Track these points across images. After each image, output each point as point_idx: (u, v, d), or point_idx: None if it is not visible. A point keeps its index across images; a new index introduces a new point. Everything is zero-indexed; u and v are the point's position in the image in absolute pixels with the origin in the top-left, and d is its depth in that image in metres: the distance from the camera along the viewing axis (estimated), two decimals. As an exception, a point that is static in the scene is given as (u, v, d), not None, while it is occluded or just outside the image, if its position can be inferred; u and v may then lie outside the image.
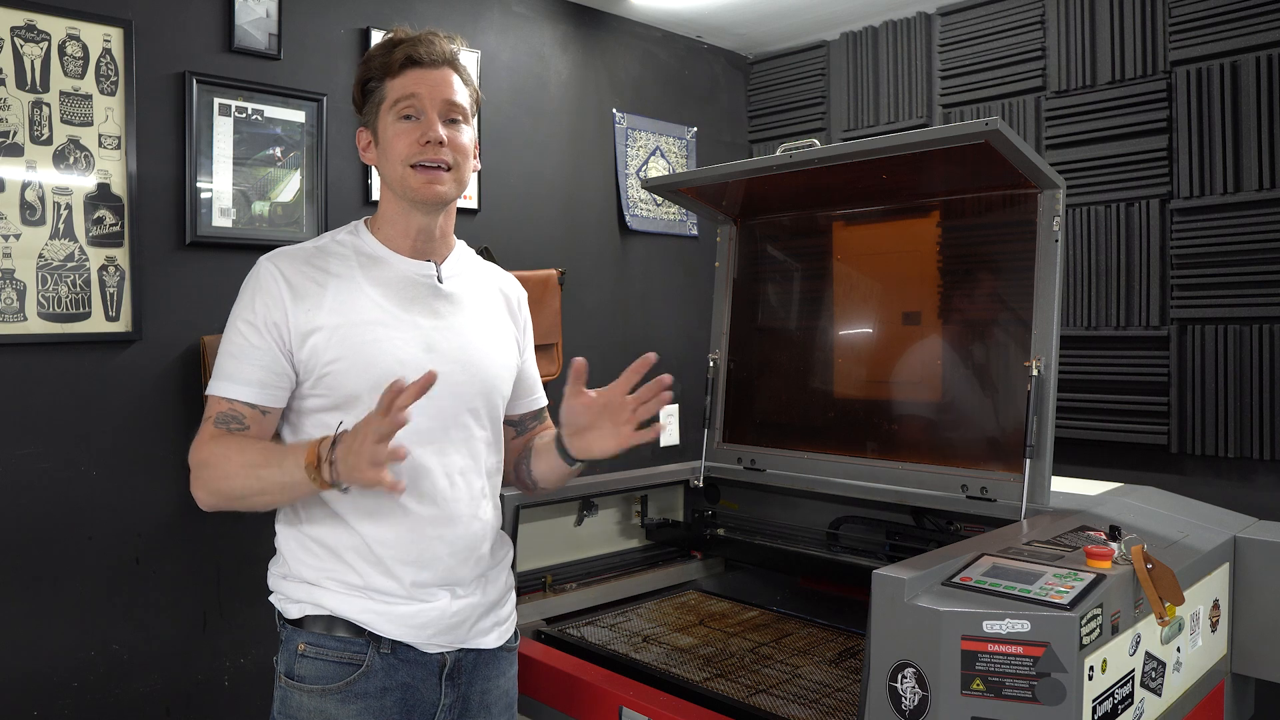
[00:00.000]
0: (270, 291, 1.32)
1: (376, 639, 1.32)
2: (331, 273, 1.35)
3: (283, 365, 1.31)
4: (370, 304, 1.34)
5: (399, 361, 1.32)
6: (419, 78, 1.36)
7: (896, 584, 1.19)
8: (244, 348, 1.31)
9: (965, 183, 1.81)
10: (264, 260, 1.35)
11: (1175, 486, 2.26)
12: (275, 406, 1.33)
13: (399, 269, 1.39)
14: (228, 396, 1.31)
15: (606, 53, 3.35)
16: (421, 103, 1.36)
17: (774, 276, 2.22)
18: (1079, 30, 2.86)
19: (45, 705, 2.09)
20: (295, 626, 1.35)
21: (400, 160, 1.35)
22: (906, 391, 1.94)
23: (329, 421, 1.32)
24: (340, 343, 1.31)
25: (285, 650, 1.36)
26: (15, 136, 2.05)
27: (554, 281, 3.02)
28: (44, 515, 2.10)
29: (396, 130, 1.36)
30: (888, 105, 3.38)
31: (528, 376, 1.59)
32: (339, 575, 1.32)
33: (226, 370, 1.32)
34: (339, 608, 1.32)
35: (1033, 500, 1.62)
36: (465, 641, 1.38)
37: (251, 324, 1.31)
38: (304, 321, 1.31)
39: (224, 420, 1.31)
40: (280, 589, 1.38)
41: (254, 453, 1.27)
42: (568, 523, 2.05)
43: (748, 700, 1.49)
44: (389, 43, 1.39)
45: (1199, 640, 1.52)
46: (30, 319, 2.07)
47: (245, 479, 1.26)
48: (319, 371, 1.31)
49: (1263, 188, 2.51)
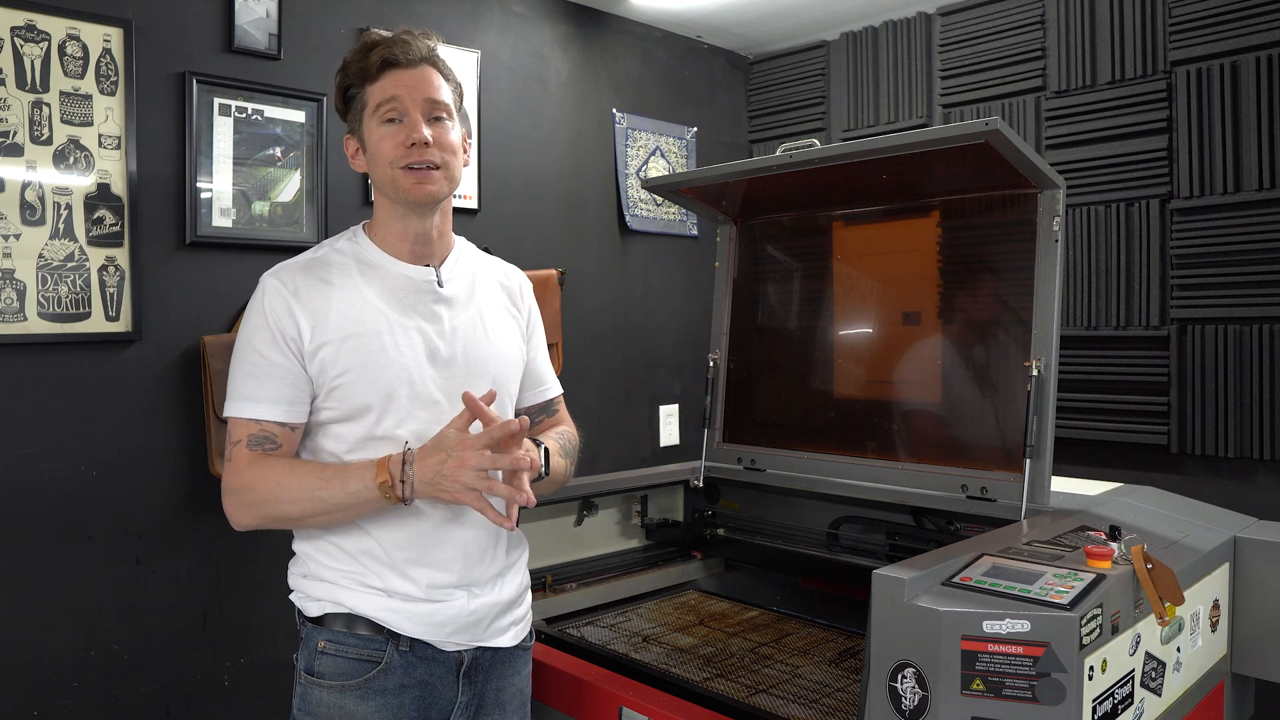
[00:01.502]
0: (280, 308, 1.32)
1: (395, 637, 1.33)
2: (334, 284, 1.35)
3: (304, 379, 1.32)
4: (373, 313, 1.35)
5: (404, 369, 1.33)
6: (398, 79, 1.35)
7: (896, 584, 1.19)
8: (263, 366, 1.31)
9: (965, 183, 1.81)
10: (268, 277, 1.35)
11: (1175, 486, 2.26)
12: (303, 422, 1.34)
13: (399, 275, 1.39)
14: (256, 418, 1.31)
15: (606, 53, 3.35)
16: (403, 104, 1.35)
17: (774, 276, 2.22)
18: (1079, 30, 2.86)
19: (45, 705, 2.09)
20: (315, 624, 1.36)
21: (388, 164, 1.35)
22: (906, 391, 1.94)
23: (343, 433, 1.33)
24: (348, 355, 1.32)
25: (305, 647, 1.36)
26: (15, 136, 2.05)
27: (554, 281, 3.02)
28: (44, 515, 2.10)
29: (381, 134, 1.36)
30: (888, 105, 3.38)
31: (535, 367, 1.58)
32: (358, 576, 1.34)
33: (248, 391, 1.32)
34: (358, 606, 1.33)
35: (1033, 500, 1.62)
36: (482, 640, 1.39)
37: (269, 342, 1.31)
38: (313, 336, 1.32)
39: (256, 442, 1.31)
40: (301, 588, 1.38)
41: (307, 475, 1.29)
42: (568, 523, 2.05)
43: (748, 700, 1.49)
44: (364, 47, 1.38)
45: (1199, 640, 1.52)
46: (30, 319, 2.07)
47: (304, 503, 1.28)
48: (329, 385, 1.32)
49: (1263, 188, 2.51)
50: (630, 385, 3.41)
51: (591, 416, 3.25)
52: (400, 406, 1.33)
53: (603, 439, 3.29)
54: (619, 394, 3.38)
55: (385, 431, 1.33)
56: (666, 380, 3.55)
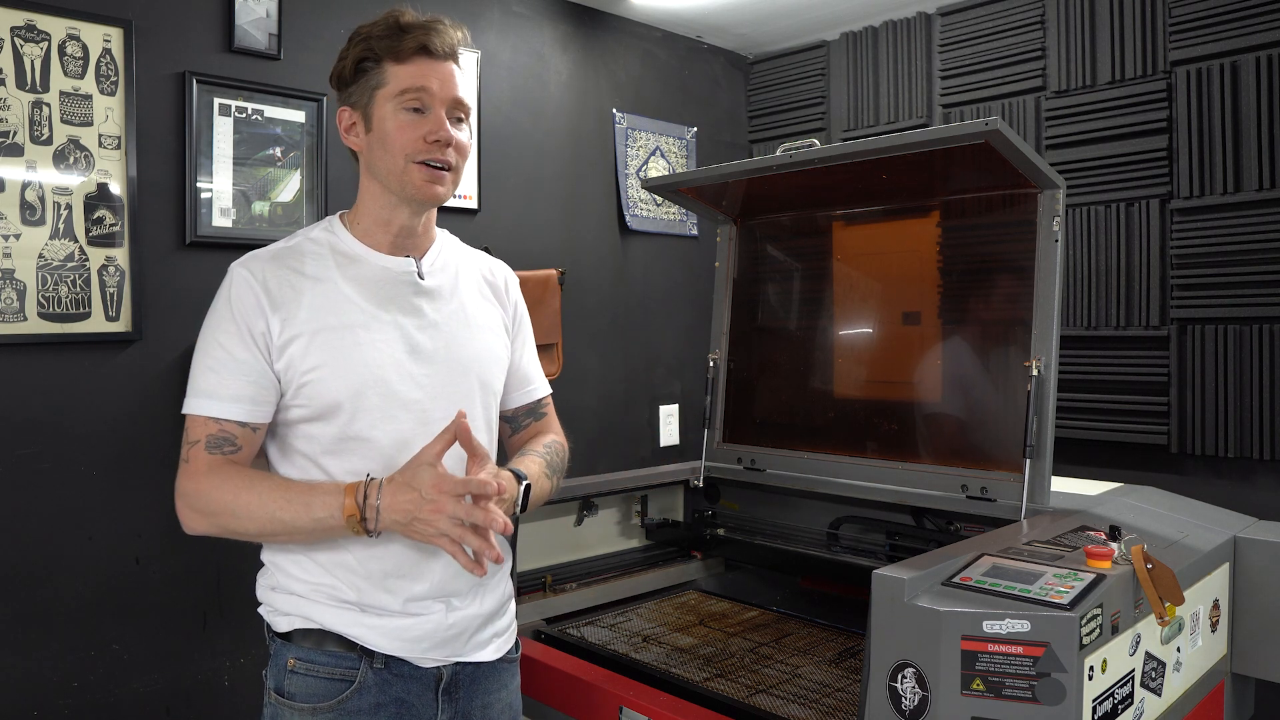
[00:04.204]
0: (247, 300, 1.25)
1: (369, 653, 1.26)
2: (307, 274, 1.28)
3: (270, 377, 1.25)
4: (348, 305, 1.28)
5: (379, 365, 1.27)
6: (430, 69, 1.28)
7: (896, 584, 1.19)
8: (226, 361, 1.24)
9: (965, 183, 1.81)
10: (237, 267, 1.28)
11: (1175, 486, 2.26)
12: (265, 423, 1.27)
13: (377, 266, 1.33)
14: (216, 416, 1.23)
15: (606, 53, 3.35)
16: (432, 97, 1.28)
17: (774, 276, 2.22)
18: (1079, 30, 2.85)
19: (45, 705, 2.09)
20: (284, 640, 1.29)
21: (404, 154, 1.28)
22: (906, 391, 1.94)
23: (315, 433, 1.26)
24: (319, 349, 1.25)
25: (274, 665, 1.29)
26: (15, 136, 2.05)
27: (554, 281, 3.02)
28: (44, 515, 2.10)
29: (401, 122, 1.28)
30: (888, 105, 3.38)
31: (521, 366, 1.51)
32: (330, 590, 1.27)
33: (208, 387, 1.24)
34: (330, 621, 1.26)
35: (1033, 500, 1.62)
36: (462, 654, 1.33)
37: (234, 334, 1.24)
38: (283, 330, 1.24)
39: (215, 445, 1.24)
40: (269, 601, 1.32)
41: (268, 492, 1.21)
42: (568, 523, 2.05)
43: (748, 700, 1.49)
44: (396, 24, 1.28)
45: (1199, 640, 1.52)
46: (30, 319, 2.07)
47: (261, 522, 1.21)
48: (298, 381, 1.25)
49: (1263, 188, 2.51)
50: (630, 385, 3.41)
51: (591, 416, 3.25)
52: (373, 405, 1.26)
53: (603, 439, 3.29)
54: (619, 394, 3.38)
55: (360, 432, 1.26)
56: (666, 380, 3.55)
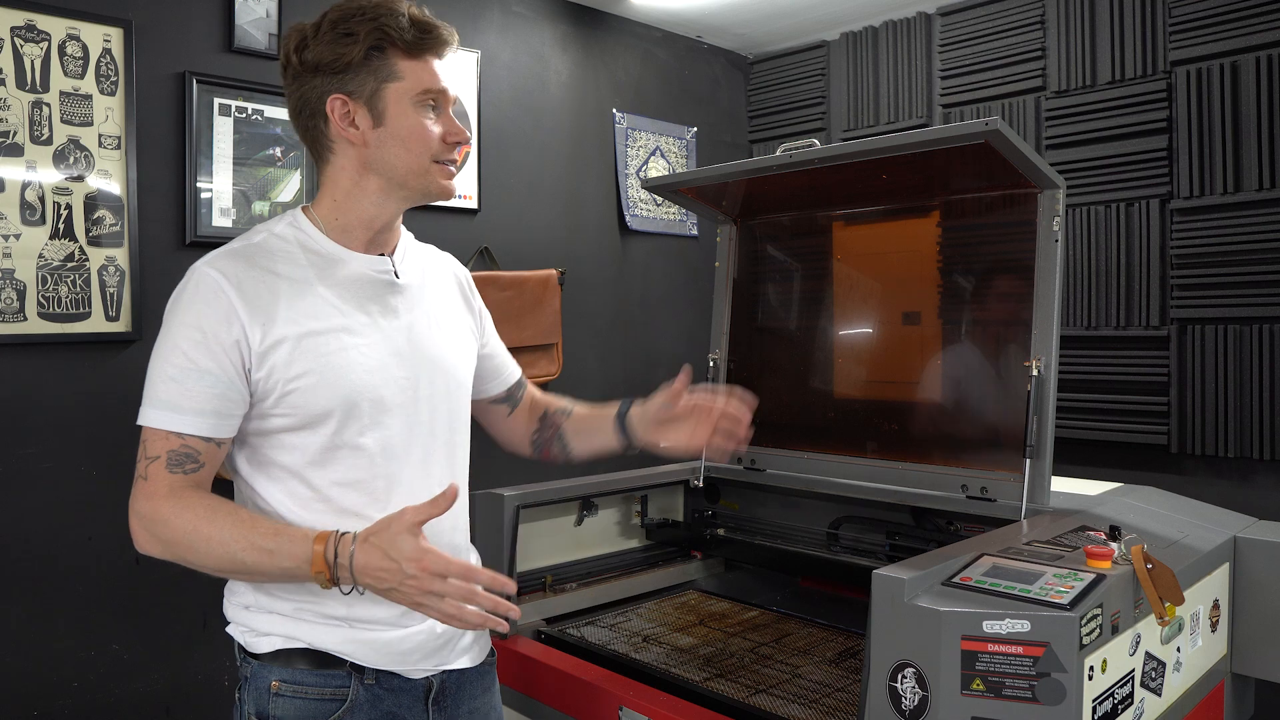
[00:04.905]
0: (218, 305, 1.16)
1: (359, 669, 1.22)
2: (280, 275, 1.21)
3: (239, 390, 1.17)
4: (327, 308, 1.22)
5: (369, 371, 1.22)
6: (436, 70, 1.27)
7: (896, 584, 1.19)
8: (189, 371, 1.14)
9: (965, 183, 1.81)
10: (203, 266, 1.19)
11: (1175, 486, 2.26)
12: (230, 437, 1.19)
13: (353, 266, 1.27)
14: (178, 431, 1.14)
15: (606, 53, 3.35)
16: (445, 98, 1.28)
17: (774, 276, 2.22)
18: (1079, 30, 2.86)
19: (45, 705, 2.09)
20: (264, 661, 1.23)
21: (430, 154, 1.26)
22: (906, 391, 1.94)
23: (299, 443, 1.20)
24: (304, 355, 1.18)
25: (253, 688, 1.23)
26: (15, 136, 2.05)
27: (554, 281, 3.02)
28: (44, 515, 2.10)
29: (426, 121, 1.25)
30: (888, 105, 3.38)
31: (495, 356, 1.52)
32: (318, 607, 1.21)
33: (169, 397, 1.15)
34: (318, 639, 1.21)
35: (1033, 500, 1.62)
36: (448, 663, 1.31)
37: (198, 342, 1.15)
38: (262, 335, 1.16)
39: (177, 462, 1.15)
40: (242, 620, 1.24)
41: (230, 529, 1.12)
42: (568, 523, 2.05)
43: (748, 700, 1.49)
44: (412, 18, 1.24)
45: (1199, 640, 1.52)
46: (30, 319, 2.07)
47: (219, 560, 1.13)
48: (281, 389, 1.17)
49: (1263, 188, 2.51)
50: (630, 385, 3.41)
51: (591, 416, 3.24)
52: (363, 412, 1.21)
53: (603, 439, 3.28)
54: (619, 394, 3.35)
55: (349, 440, 1.21)
56: (666, 380, 3.54)
